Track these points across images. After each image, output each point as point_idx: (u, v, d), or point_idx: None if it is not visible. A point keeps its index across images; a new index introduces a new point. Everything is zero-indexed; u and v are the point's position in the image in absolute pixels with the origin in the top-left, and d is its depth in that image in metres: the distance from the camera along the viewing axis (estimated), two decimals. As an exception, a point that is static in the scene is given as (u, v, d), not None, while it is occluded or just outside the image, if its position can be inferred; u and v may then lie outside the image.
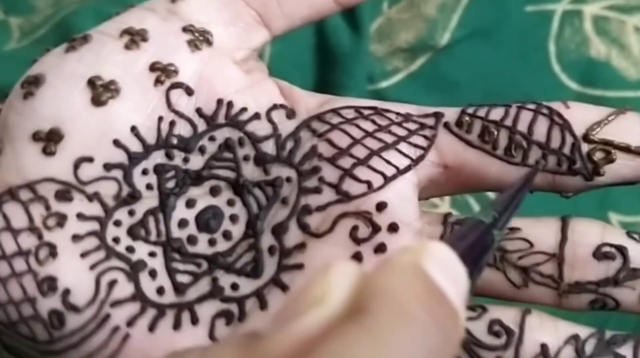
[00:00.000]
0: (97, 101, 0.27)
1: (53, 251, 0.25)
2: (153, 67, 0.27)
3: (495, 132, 0.27)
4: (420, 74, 0.43)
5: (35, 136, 0.26)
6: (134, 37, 0.28)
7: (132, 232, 0.26)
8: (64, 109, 0.27)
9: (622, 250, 0.26)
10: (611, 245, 0.26)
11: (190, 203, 0.27)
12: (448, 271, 0.19)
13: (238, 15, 0.29)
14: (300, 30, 0.41)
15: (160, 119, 0.27)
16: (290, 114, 0.28)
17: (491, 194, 0.41)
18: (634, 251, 0.26)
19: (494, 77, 0.43)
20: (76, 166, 0.26)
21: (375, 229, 0.26)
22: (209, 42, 0.29)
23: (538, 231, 0.27)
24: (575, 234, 0.27)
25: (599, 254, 0.26)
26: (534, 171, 0.26)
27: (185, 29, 0.28)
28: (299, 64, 0.42)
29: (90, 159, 0.26)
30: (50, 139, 0.26)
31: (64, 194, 0.26)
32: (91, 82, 0.27)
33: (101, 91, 0.27)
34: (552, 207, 0.30)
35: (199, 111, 0.28)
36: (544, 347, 0.26)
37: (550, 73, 0.43)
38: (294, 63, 0.42)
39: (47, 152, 0.26)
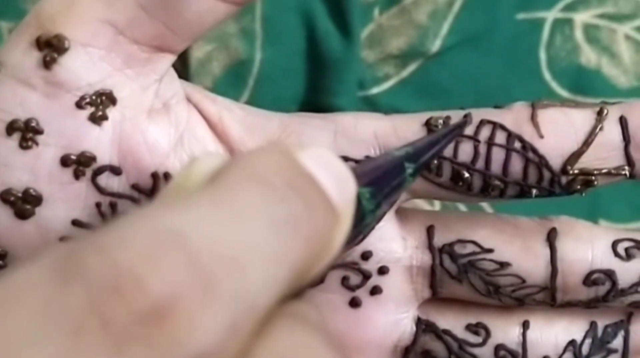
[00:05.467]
0: (21, 216, 0.24)
1: None
2: (65, 163, 0.25)
3: (468, 175, 0.26)
4: (411, 80, 0.43)
5: None
6: (25, 134, 0.24)
7: None
8: None
9: (610, 275, 0.27)
10: (600, 271, 0.27)
11: None
12: (325, 164, 0.17)
13: (129, 56, 0.25)
14: (290, 36, 0.41)
15: (98, 205, 0.25)
16: None
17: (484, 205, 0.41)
18: (622, 274, 0.27)
19: (485, 85, 0.43)
20: None
21: (366, 276, 0.27)
22: (112, 102, 0.25)
23: (528, 265, 0.27)
24: (565, 264, 0.27)
25: (589, 282, 0.27)
26: (460, 129, 0.26)
27: (79, 105, 0.24)
28: (289, 70, 0.41)
29: None
30: None
31: None
32: (4, 199, 0.24)
33: (20, 205, 0.24)
34: (540, 210, 0.29)
35: (136, 187, 0.25)
36: None
37: (540, 81, 0.43)
38: (284, 69, 0.41)
39: (1, 267, 0.24)
